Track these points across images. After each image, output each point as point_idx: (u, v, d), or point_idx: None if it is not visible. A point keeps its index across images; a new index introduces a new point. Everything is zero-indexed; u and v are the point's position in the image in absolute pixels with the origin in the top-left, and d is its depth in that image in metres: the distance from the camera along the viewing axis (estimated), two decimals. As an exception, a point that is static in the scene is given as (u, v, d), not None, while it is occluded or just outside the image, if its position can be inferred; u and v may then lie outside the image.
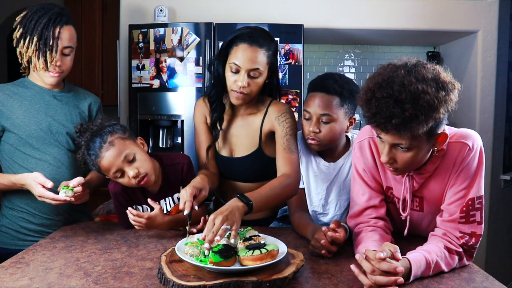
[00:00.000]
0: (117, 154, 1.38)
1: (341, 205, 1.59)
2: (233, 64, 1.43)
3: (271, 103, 1.56)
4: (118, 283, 1.05)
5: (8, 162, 1.55)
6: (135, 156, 1.40)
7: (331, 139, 1.50)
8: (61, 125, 1.57)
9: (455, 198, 1.18)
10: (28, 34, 1.46)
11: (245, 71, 1.42)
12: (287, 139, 1.49)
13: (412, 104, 1.01)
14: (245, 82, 1.43)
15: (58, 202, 1.39)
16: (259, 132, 1.55)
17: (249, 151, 1.57)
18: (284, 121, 1.51)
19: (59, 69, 1.52)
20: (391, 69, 1.09)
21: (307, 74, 3.55)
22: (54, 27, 1.46)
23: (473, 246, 1.18)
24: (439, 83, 1.05)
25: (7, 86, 1.57)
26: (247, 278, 1.01)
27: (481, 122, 2.94)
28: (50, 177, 1.53)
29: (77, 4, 3.50)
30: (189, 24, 2.57)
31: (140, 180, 1.40)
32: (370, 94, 1.07)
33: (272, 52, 1.48)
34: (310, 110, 1.50)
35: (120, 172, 1.40)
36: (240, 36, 1.44)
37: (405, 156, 1.12)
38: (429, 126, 1.04)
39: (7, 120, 1.51)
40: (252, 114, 1.57)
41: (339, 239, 1.22)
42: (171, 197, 1.55)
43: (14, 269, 1.15)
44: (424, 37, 3.14)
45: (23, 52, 1.49)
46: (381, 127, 1.07)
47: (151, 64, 2.59)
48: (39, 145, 1.53)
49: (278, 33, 2.55)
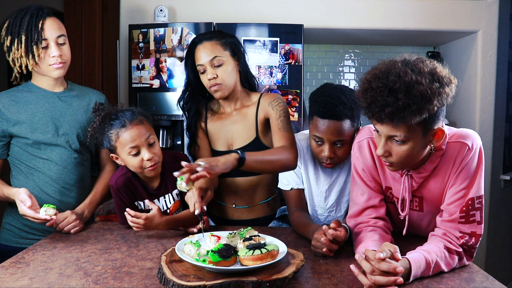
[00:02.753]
0: (143, 132, 1.43)
1: (342, 206, 1.59)
2: (198, 66, 1.56)
3: (261, 95, 1.64)
4: (118, 283, 1.06)
5: (16, 163, 1.56)
6: (155, 142, 1.47)
7: (345, 158, 1.50)
8: (68, 126, 1.57)
9: (455, 198, 1.18)
10: (16, 37, 1.46)
11: (209, 65, 1.53)
12: (281, 120, 1.55)
13: (405, 93, 1.03)
14: (212, 74, 1.53)
15: (39, 221, 1.39)
16: (255, 121, 1.60)
17: (247, 141, 1.60)
18: (277, 105, 1.57)
19: (61, 59, 1.52)
20: (389, 62, 1.11)
21: (307, 74, 3.55)
22: (37, 21, 1.47)
23: (473, 246, 1.18)
24: (435, 76, 1.06)
25: (11, 91, 1.57)
26: (247, 278, 1.01)
27: (481, 122, 2.94)
28: (56, 177, 1.55)
29: (77, 4, 3.49)
30: (189, 24, 2.57)
31: (151, 165, 1.44)
32: (367, 84, 1.10)
33: (227, 40, 1.57)
34: (322, 136, 1.44)
35: (136, 150, 1.43)
36: (193, 41, 1.58)
37: (400, 150, 1.12)
38: (422, 117, 1.05)
39: (13, 126, 1.52)
40: (246, 107, 1.63)
41: (340, 236, 1.22)
42: (170, 194, 1.56)
43: (14, 269, 1.15)
44: (424, 37, 3.14)
45: (16, 56, 1.48)
46: (376, 116, 1.08)
47: (151, 64, 2.59)
48: (46, 146, 1.54)
49: (278, 33, 2.55)
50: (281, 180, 1.61)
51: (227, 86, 1.55)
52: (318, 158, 1.51)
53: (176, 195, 1.57)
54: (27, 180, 1.55)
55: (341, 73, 3.63)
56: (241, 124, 1.61)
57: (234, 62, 1.58)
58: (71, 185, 1.59)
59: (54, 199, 1.55)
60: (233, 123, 1.62)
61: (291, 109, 2.57)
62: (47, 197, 1.54)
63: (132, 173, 1.51)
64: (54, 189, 1.56)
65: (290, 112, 2.56)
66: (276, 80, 2.57)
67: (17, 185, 1.55)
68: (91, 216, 1.63)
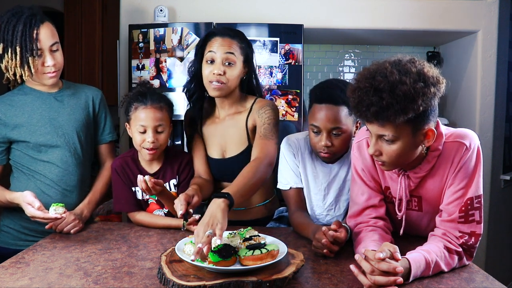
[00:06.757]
0: (157, 117, 1.51)
1: (341, 205, 1.59)
2: (209, 52, 1.50)
3: (255, 101, 1.60)
4: (118, 283, 1.06)
5: (17, 166, 1.56)
6: (163, 131, 1.54)
7: (342, 149, 1.50)
8: (67, 126, 1.57)
9: (453, 197, 1.18)
10: (9, 46, 1.43)
11: (221, 58, 1.48)
12: (264, 127, 1.52)
13: (389, 93, 1.04)
14: (221, 69, 1.48)
15: (49, 220, 1.40)
16: (245, 129, 1.58)
17: (240, 149, 1.59)
18: (263, 113, 1.54)
19: (55, 68, 1.51)
20: (380, 63, 1.13)
21: (307, 74, 3.55)
22: (32, 30, 1.43)
23: (473, 246, 1.18)
24: (421, 76, 1.07)
25: (7, 96, 1.56)
26: (247, 278, 1.01)
27: (481, 122, 2.94)
28: (57, 179, 1.56)
29: (77, 4, 3.50)
30: (189, 24, 2.57)
31: (151, 148, 1.51)
32: (356, 84, 1.12)
33: (246, 46, 1.55)
34: (319, 124, 1.43)
35: (143, 129, 1.51)
36: (212, 32, 1.54)
37: (390, 149, 1.13)
38: (408, 116, 1.06)
39: (12, 131, 1.52)
40: (238, 113, 1.60)
41: (340, 237, 1.22)
42: (168, 184, 1.59)
43: (14, 269, 1.15)
44: (424, 37, 3.14)
45: (10, 65, 1.45)
46: (362, 116, 1.10)
47: (151, 64, 2.59)
48: (46, 148, 1.54)
49: (278, 33, 2.55)
50: (279, 180, 1.61)
51: (229, 88, 1.52)
52: (316, 150, 1.51)
53: (174, 186, 1.59)
54: (28, 182, 1.55)
55: (341, 73, 3.63)
56: (233, 131, 1.59)
57: (243, 69, 1.55)
58: (72, 186, 1.59)
59: (56, 201, 1.54)
60: (226, 129, 1.60)
61: (291, 109, 2.57)
62: (48, 199, 1.53)
63: (130, 157, 1.61)
64: (56, 191, 1.56)
65: (290, 112, 2.56)
66: (276, 80, 2.57)
67: (18, 186, 1.55)
68: (91, 216, 1.64)
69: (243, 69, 1.55)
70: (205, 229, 1.12)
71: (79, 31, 3.49)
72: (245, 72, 1.57)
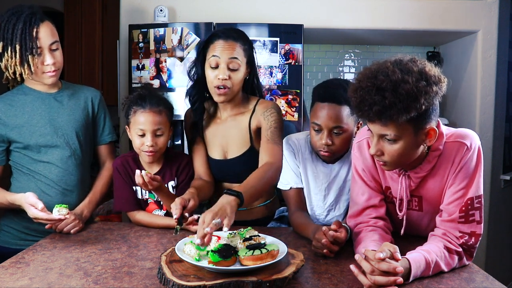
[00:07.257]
0: (155, 121, 1.51)
1: (341, 205, 1.59)
2: (213, 57, 1.48)
3: (258, 102, 1.59)
4: (118, 283, 1.06)
5: (17, 166, 1.56)
6: (162, 135, 1.54)
7: (343, 149, 1.50)
8: (66, 126, 1.57)
9: (454, 197, 1.18)
10: (9, 45, 1.43)
11: (225, 63, 1.47)
12: (271, 131, 1.52)
13: (392, 92, 1.04)
14: (226, 74, 1.46)
15: (53, 222, 1.40)
16: (248, 130, 1.57)
17: (242, 150, 1.59)
18: (269, 115, 1.54)
19: (55, 67, 1.51)
20: (381, 62, 1.12)
21: (307, 74, 3.55)
22: (31, 29, 1.43)
23: (473, 246, 1.18)
24: (423, 75, 1.07)
25: (7, 95, 1.56)
26: (247, 278, 1.01)
27: (481, 122, 2.94)
28: (57, 180, 1.56)
29: (77, 4, 3.50)
30: (189, 24, 2.57)
31: (150, 151, 1.52)
32: (357, 84, 1.11)
33: (248, 47, 1.53)
34: (320, 122, 1.44)
35: (142, 133, 1.51)
36: (215, 34, 1.52)
37: (391, 149, 1.13)
38: (410, 115, 1.06)
39: (12, 131, 1.51)
40: (241, 114, 1.59)
41: (340, 237, 1.22)
42: (166, 185, 1.58)
43: (14, 269, 1.15)
44: (424, 37, 3.14)
45: (10, 64, 1.45)
46: (364, 115, 1.10)
47: (151, 64, 2.59)
48: (46, 149, 1.54)
49: (278, 33, 2.55)
50: (280, 180, 1.61)
51: (233, 92, 1.51)
52: (316, 148, 1.51)
53: (172, 188, 1.59)
54: (28, 182, 1.55)
55: (341, 73, 3.63)
56: (235, 132, 1.59)
57: (246, 70, 1.54)
58: (72, 186, 1.59)
59: (56, 201, 1.54)
60: (227, 130, 1.60)
61: (291, 109, 2.57)
62: (49, 199, 1.53)
63: (131, 157, 1.61)
64: (56, 191, 1.56)
65: (290, 112, 2.56)
66: (276, 80, 2.57)
67: (18, 187, 1.55)
68: (91, 216, 1.64)
69: (246, 70, 1.54)
70: (214, 216, 1.13)
71: (79, 31, 3.49)
72: (248, 72, 1.57)
